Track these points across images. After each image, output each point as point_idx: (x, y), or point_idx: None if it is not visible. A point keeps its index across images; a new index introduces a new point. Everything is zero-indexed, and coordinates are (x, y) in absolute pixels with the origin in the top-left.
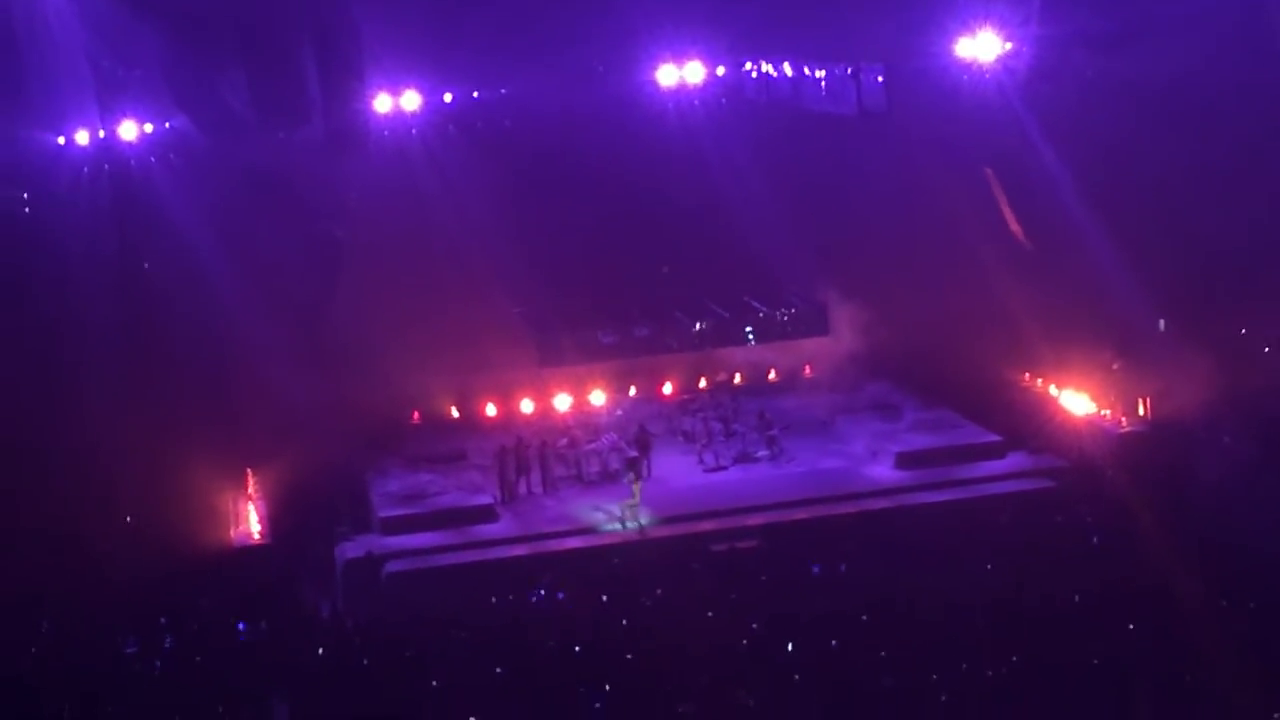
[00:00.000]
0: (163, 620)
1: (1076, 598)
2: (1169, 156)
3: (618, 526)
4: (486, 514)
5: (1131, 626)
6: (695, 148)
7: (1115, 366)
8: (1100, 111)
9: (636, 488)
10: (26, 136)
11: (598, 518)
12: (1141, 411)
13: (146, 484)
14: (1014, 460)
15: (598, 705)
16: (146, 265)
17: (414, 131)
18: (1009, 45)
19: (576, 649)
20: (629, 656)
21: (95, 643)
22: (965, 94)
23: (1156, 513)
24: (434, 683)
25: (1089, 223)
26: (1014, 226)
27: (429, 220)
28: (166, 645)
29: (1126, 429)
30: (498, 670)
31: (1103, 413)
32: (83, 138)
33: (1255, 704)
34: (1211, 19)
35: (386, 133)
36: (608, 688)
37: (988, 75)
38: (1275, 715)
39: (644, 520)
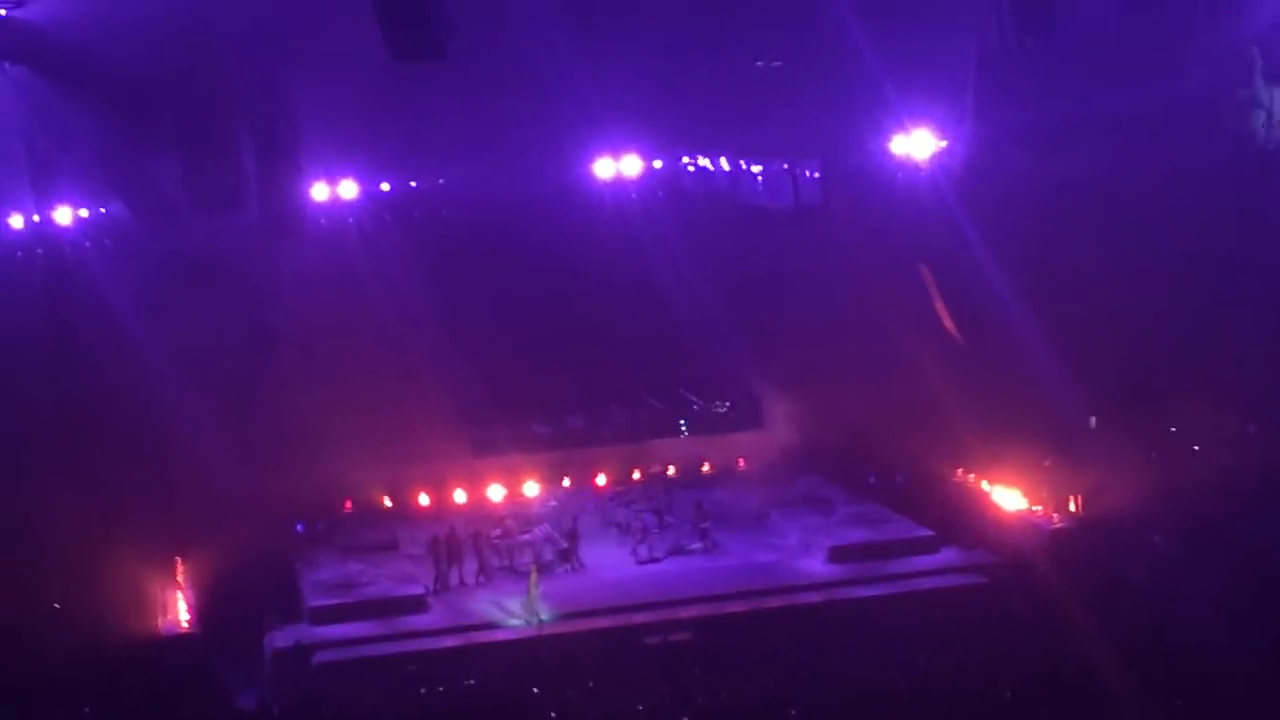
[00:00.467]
0: (86, 710)
1: (1008, 693)
2: (1100, 254)
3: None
4: (417, 604)
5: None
6: (632, 240)
7: (1047, 463)
8: (1033, 209)
9: (534, 580)
10: None
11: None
12: (1073, 508)
13: (75, 569)
14: (946, 555)
15: None
16: (80, 349)
17: (350, 220)
18: (943, 143)
19: None
20: None
21: None
22: (900, 190)
23: (1087, 608)
24: None
25: (1022, 319)
26: (948, 323)
27: (364, 308)
28: None
29: (1058, 525)
30: None
31: (1034, 508)
32: (16, 221)
33: None
34: (1141, 119)
35: (323, 220)
36: None
37: (922, 172)
38: None
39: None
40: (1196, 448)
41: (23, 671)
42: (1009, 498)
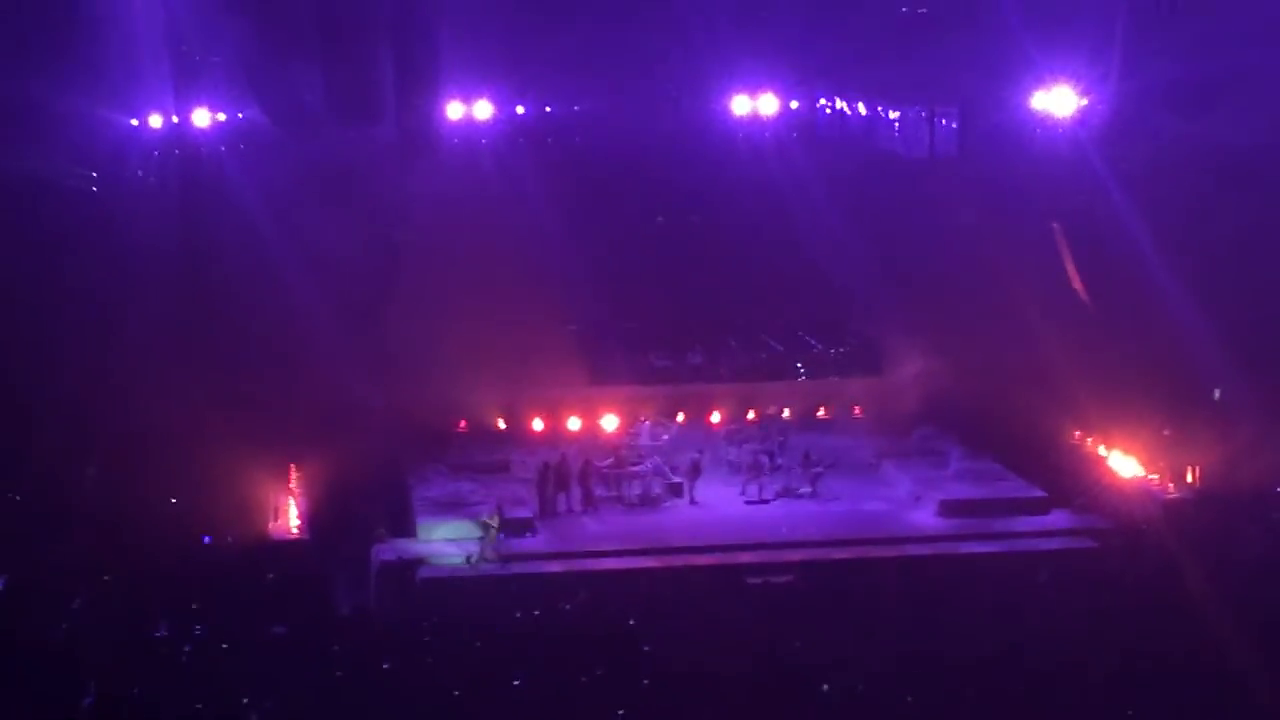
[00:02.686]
0: (194, 606)
1: (1112, 663)
2: (1242, 222)
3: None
4: (525, 527)
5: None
6: (763, 179)
7: (1166, 432)
8: (1175, 173)
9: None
10: (101, 117)
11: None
12: (1190, 479)
13: (192, 469)
14: (1057, 517)
15: None
16: (210, 251)
17: (484, 141)
18: (1085, 101)
19: (598, 671)
20: (646, 682)
21: (126, 623)
22: (1038, 146)
23: (1198, 581)
24: (455, 692)
25: (1153, 284)
26: (1076, 283)
27: (492, 230)
28: (197, 632)
29: (1173, 495)
30: (515, 684)
31: (1150, 477)
32: (156, 121)
33: None
34: None
35: (456, 140)
36: (621, 713)
37: (1063, 129)
38: None
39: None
40: None
41: (135, 567)
42: (1125, 464)
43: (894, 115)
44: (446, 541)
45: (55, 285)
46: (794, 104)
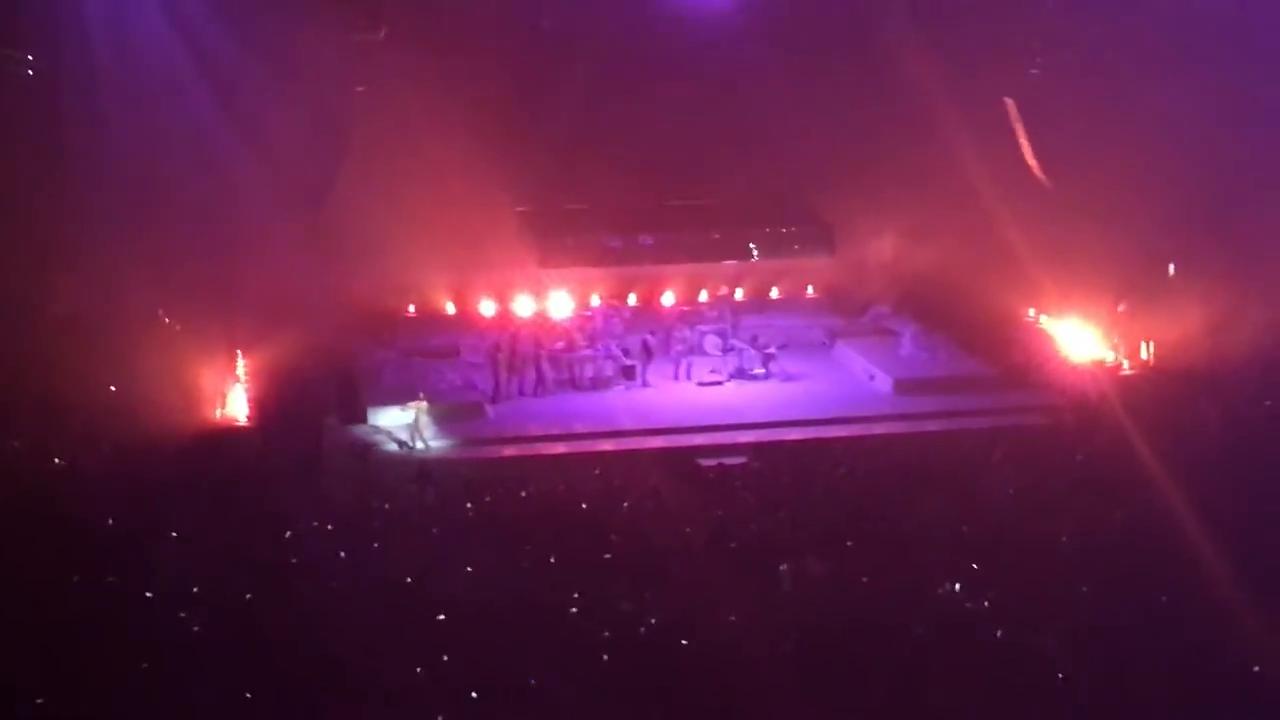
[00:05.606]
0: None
1: (1064, 538)
2: (1194, 92)
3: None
4: (475, 411)
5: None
6: (715, 53)
7: (1120, 308)
8: (1129, 38)
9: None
10: None
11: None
12: (1145, 356)
13: (131, 355)
14: (1010, 395)
15: (573, 611)
16: (149, 121)
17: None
18: None
19: (552, 557)
20: (600, 566)
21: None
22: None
23: (1151, 460)
24: (408, 579)
25: (1104, 157)
26: (1030, 159)
27: (438, 105)
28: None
29: (1129, 372)
30: (468, 570)
31: (1104, 354)
32: None
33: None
34: None
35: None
36: (577, 595)
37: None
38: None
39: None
40: None
41: (75, 458)
42: (1079, 341)
43: None
44: (397, 427)
45: None
46: None
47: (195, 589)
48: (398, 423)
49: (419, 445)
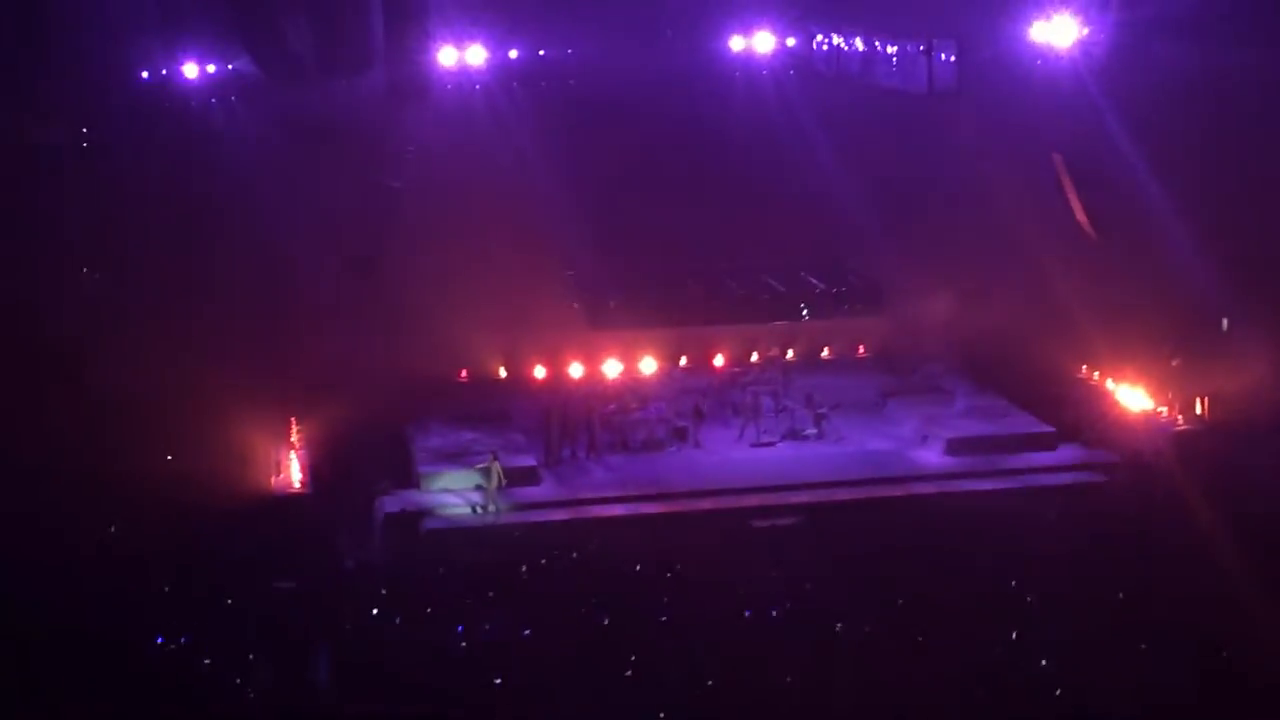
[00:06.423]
0: (196, 564)
1: (1120, 594)
2: (1247, 149)
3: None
4: (529, 475)
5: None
6: (761, 118)
7: (1175, 363)
8: (1177, 103)
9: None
10: (90, 70)
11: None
12: (1199, 410)
13: (190, 427)
14: (1065, 452)
15: (628, 674)
16: (203, 206)
17: (477, 86)
18: (1086, 31)
19: (606, 620)
20: (655, 630)
21: (131, 580)
22: (1038, 78)
23: (1209, 511)
24: (462, 644)
25: (1157, 216)
26: (1080, 216)
27: (487, 176)
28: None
29: (1183, 427)
30: (525, 633)
31: (1159, 409)
32: (143, 74)
33: None
34: None
35: (449, 86)
36: (634, 658)
37: (1063, 61)
38: None
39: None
40: None
41: (136, 528)
42: (1133, 397)
43: (891, 50)
44: (449, 492)
45: (49, 243)
46: (790, 41)
47: (251, 655)
48: (467, 484)
49: (492, 508)
